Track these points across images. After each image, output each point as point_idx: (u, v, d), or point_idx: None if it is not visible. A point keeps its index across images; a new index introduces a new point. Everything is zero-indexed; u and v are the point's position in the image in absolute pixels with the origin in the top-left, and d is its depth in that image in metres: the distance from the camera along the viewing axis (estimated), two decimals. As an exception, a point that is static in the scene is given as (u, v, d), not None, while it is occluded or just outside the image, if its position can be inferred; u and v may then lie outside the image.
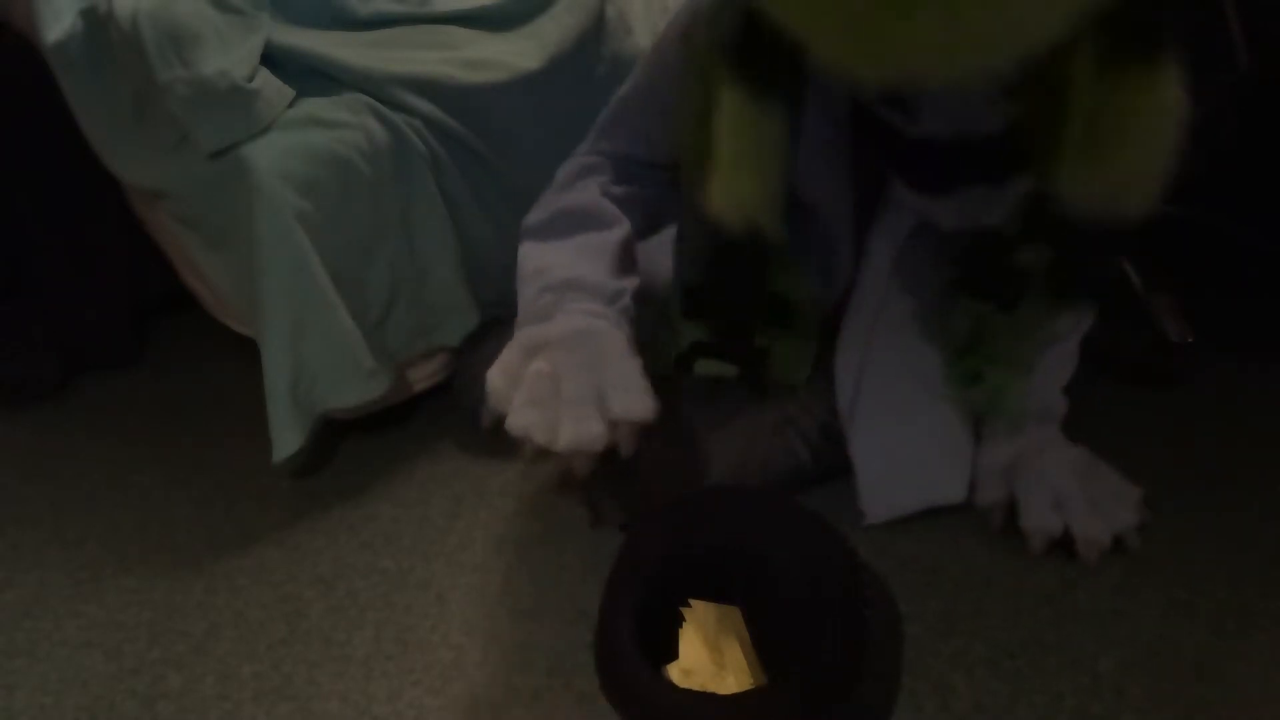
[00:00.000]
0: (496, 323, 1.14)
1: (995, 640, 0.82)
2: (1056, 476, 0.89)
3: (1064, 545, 0.88)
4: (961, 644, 0.82)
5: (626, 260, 0.86)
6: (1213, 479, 0.99)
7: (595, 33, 1.19)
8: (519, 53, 1.14)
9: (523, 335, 0.77)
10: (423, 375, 1.15)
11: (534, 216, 0.89)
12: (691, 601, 0.78)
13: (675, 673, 0.73)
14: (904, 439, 0.92)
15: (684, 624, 0.77)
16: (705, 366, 0.88)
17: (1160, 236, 0.77)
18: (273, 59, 1.03)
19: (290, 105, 1.02)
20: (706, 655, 0.74)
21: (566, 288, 0.79)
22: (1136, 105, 0.57)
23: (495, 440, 0.73)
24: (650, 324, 0.87)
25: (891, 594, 0.87)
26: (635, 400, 0.72)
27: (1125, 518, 0.89)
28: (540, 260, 0.83)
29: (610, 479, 0.89)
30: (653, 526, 0.81)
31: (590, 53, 1.19)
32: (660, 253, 0.95)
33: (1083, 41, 0.56)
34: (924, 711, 0.76)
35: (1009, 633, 0.83)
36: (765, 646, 0.77)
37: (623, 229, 0.87)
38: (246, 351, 1.04)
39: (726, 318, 0.86)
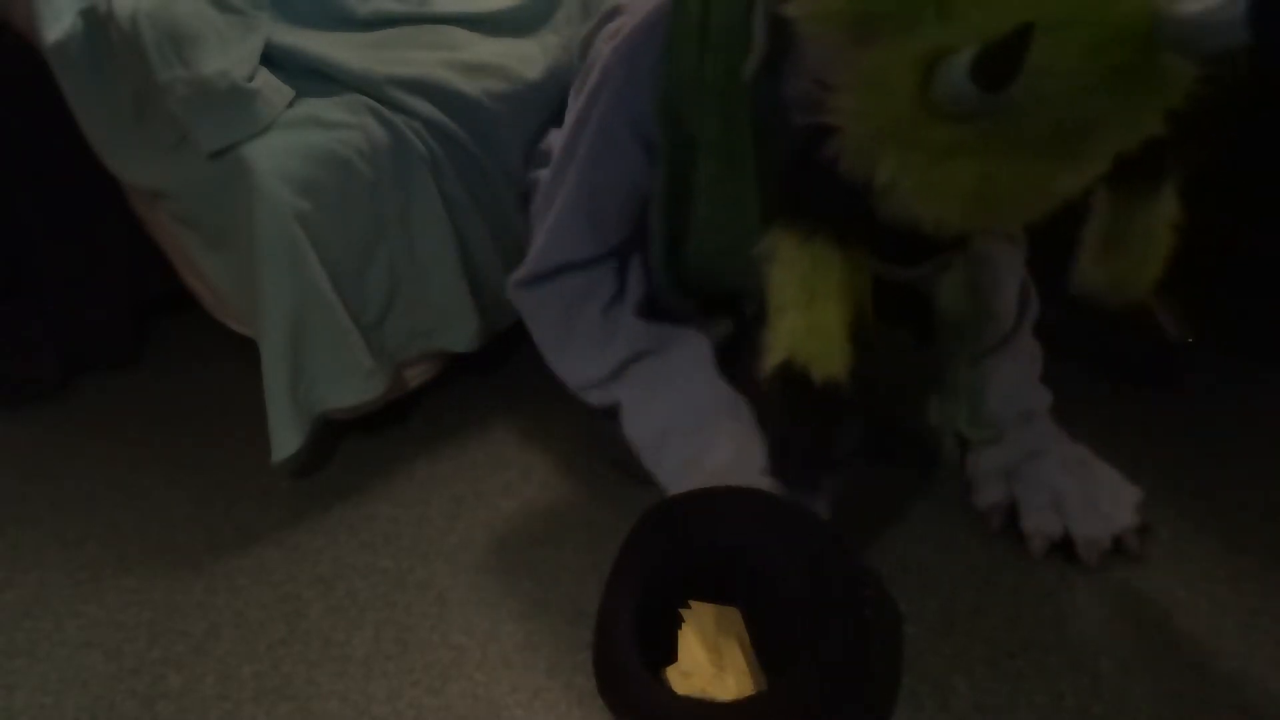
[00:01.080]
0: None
1: (995, 640, 0.82)
2: (1056, 478, 0.89)
3: (1064, 547, 0.88)
4: (961, 644, 0.82)
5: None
6: (1213, 479, 0.99)
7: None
8: (518, 56, 1.13)
9: None
10: (419, 371, 1.15)
11: (617, 395, 0.95)
12: (691, 603, 0.78)
13: (674, 676, 0.73)
14: None
15: (683, 626, 0.76)
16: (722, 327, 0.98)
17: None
18: (273, 59, 1.03)
19: (290, 105, 1.02)
20: (705, 657, 0.74)
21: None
22: (1141, 220, 0.69)
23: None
24: None
25: (891, 594, 0.87)
26: None
27: (1125, 519, 0.88)
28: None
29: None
30: (653, 526, 0.81)
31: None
32: None
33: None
34: (924, 711, 0.76)
35: (1009, 633, 0.83)
36: (765, 648, 0.77)
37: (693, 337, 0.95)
38: (246, 351, 1.04)
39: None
